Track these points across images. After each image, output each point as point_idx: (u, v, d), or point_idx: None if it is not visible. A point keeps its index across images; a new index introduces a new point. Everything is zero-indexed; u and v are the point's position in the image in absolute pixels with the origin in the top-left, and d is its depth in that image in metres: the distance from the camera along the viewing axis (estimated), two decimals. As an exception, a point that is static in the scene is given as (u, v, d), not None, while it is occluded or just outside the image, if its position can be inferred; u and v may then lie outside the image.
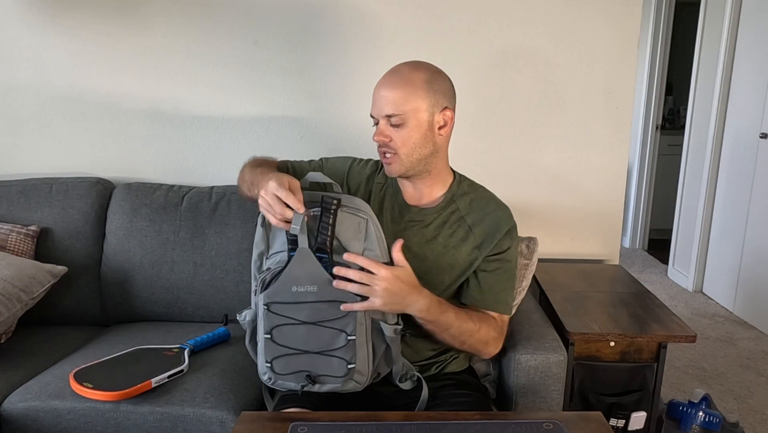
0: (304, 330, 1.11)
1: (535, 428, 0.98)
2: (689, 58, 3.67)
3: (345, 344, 1.10)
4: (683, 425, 1.77)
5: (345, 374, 1.12)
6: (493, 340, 1.25)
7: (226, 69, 2.02)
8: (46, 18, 2.00)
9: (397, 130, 1.18)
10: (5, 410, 1.40)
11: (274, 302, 1.11)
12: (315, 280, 1.09)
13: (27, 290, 1.65)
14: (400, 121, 1.18)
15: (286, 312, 1.11)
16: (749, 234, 3.09)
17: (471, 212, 1.27)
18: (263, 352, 1.14)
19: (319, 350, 1.11)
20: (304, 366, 1.13)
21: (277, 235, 1.16)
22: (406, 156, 1.20)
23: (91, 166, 2.09)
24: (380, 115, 1.19)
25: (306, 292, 1.09)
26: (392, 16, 1.99)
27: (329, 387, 1.14)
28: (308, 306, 1.10)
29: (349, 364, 1.11)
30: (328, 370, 1.12)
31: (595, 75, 2.02)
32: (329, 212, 1.09)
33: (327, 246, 1.09)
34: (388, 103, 1.17)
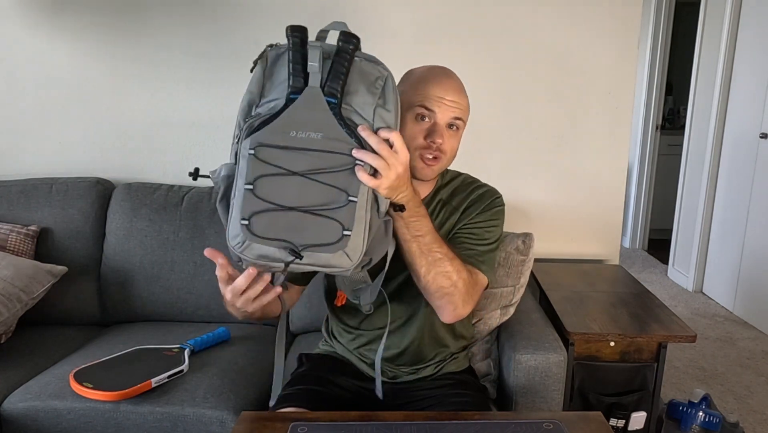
0: (298, 183, 0.91)
1: (535, 428, 0.98)
2: (689, 58, 3.67)
3: (344, 205, 0.92)
4: (683, 425, 1.77)
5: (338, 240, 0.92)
6: (464, 285, 1.12)
7: (226, 69, 2.02)
8: (46, 18, 2.00)
9: (451, 134, 1.17)
10: (5, 410, 1.40)
11: (265, 145, 0.91)
12: (320, 126, 0.92)
13: (27, 290, 1.65)
14: (459, 126, 1.17)
15: (277, 160, 0.91)
16: (749, 234, 3.09)
17: (454, 197, 1.28)
18: (239, 207, 0.91)
19: (312, 207, 0.92)
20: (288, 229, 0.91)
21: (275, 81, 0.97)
22: (447, 161, 1.19)
23: (91, 166, 2.09)
24: (446, 116, 1.15)
25: (307, 138, 0.92)
26: (392, 16, 1.99)
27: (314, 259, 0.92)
28: (306, 154, 0.91)
29: (345, 230, 0.93)
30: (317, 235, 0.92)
31: (595, 75, 2.03)
32: (346, 52, 0.94)
33: (338, 90, 0.93)
34: (459, 108, 1.16)
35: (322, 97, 0.93)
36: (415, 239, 1.08)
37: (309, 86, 0.93)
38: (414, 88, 1.17)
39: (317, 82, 0.93)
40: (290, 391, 1.25)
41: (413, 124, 1.15)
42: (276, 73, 0.98)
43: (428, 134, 1.14)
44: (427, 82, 1.16)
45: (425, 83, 1.16)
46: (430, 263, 1.09)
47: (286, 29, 0.96)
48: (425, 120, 1.15)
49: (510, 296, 1.58)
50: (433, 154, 1.15)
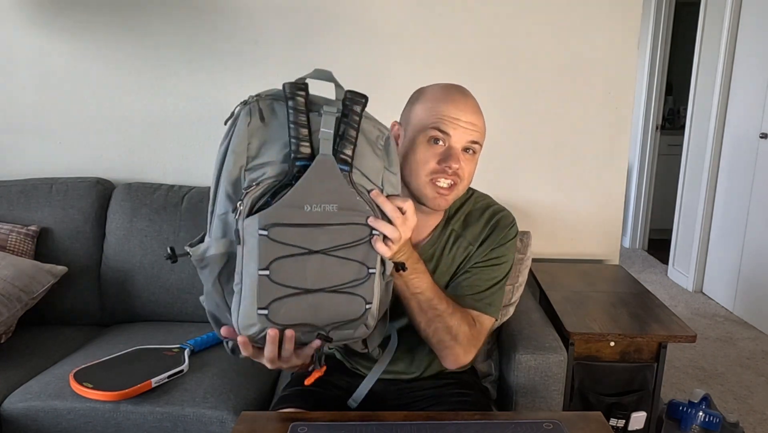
0: (318, 261, 0.84)
1: (535, 428, 0.98)
2: (689, 58, 3.67)
3: (366, 279, 0.88)
4: (683, 425, 1.77)
5: (360, 316, 0.89)
6: (465, 340, 1.09)
7: (227, 69, 2.02)
8: (46, 18, 2.00)
9: (467, 159, 1.09)
10: (5, 410, 1.40)
11: (278, 224, 0.82)
12: (335, 197, 0.85)
13: (27, 290, 1.65)
14: (476, 150, 1.10)
15: (293, 239, 0.83)
16: (749, 234, 3.09)
17: (468, 227, 1.20)
18: (255, 295, 0.83)
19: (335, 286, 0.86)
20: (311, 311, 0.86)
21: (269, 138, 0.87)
22: (462, 189, 1.11)
23: (91, 166, 2.09)
24: (462, 140, 1.07)
25: (323, 212, 0.84)
26: (392, 15, 1.99)
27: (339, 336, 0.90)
28: (325, 230, 0.84)
29: (367, 303, 0.89)
30: (340, 313, 0.88)
31: (595, 75, 2.03)
32: (356, 114, 0.87)
33: (350, 156, 0.86)
34: (476, 131, 1.09)
35: (336, 165, 0.85)
36: (414, 296, 1.04)
37: (321, 153, 0.85)
38: (427, 109, 1.08)
39: (328, 149, 0.85)
40: (290, 391, 1.25)
41: (426, 147, 1.07)
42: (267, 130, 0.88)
43: (443, 159, 1.06)
44: (441, 102, 1.08)
45: (439, 103, 1.08)
46: (430, 318, 1.06)
47: (283, 86, 0.88)
48: (439, 143, 1.07)
49: (509, 295, 1.59)
50: (449, 180, 1.07)
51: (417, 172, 1.08)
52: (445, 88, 1.12)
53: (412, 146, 1.09)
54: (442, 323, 1.06)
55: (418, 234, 1.17)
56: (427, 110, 1.08)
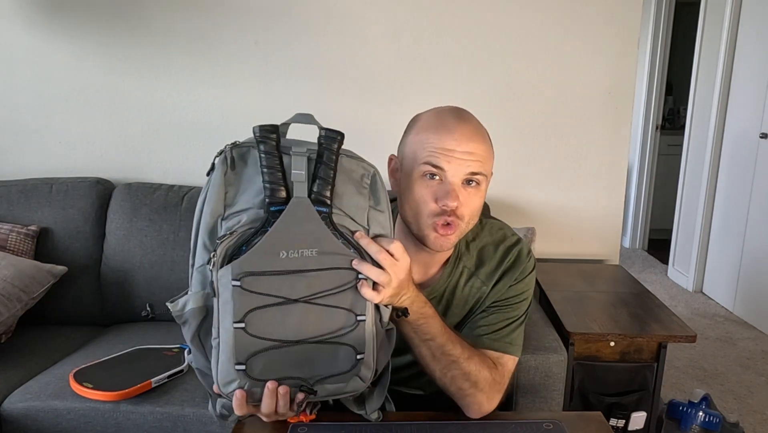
0: (298, 312, 0.79)
1: (535, 428, 0.98)
2: (689, 58, 3.67)
3: (353, 327, 0.81)
4: (683, 425, 1.77)
5: (351, 367, 0.83)
6: (486, 383, 0.98)
7: (227, 69, 2.02)
8: (46, 18, 2.00)
9: (470, 193, 0.97)
10: (5, 410, 1.40)
11: (251, 273, 0.77)
12: (314, 241, 0.79)
13: (27, 290, 1.65)
14: (479, 181, 0.97)
15: (268, 288, 0.78)
16: (749, 234, 3.09)
17: (482, 264, 1.09)
18: (230, 349, 0.78)
19: (319, 337, 0.80)
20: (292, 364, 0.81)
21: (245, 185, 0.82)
22: (466, 226, 0.99)
23: (91, 166, 2.09)
24: (459, 173, 0.95)
25: (301, 258, 0.78)
26: (392, 15, 1.99)
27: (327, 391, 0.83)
28: (303, 277, 0.79)
29: (358, 354, 0.82)
30: (328, 366, 0.82)
31: (595, 75, 2.03)
32: (331, 152, 0.81)
33: (327, 197, 0.80)
34: (477, 160, 0.96)
35: (312, 207, 0.80)
36: (425, 343, 0.95)
37: (295, 197, 0.79)
38: (419, 141, 0.97)
39: (303, 192, 0.80)
40: None
41: (422, 184, 0.96)
42: (242, 178, 0.83)
43: (439, 197, 0.94)
44: (433, 132, 0.96)
45: (431, 134, 0.96)
46: (445, 366, 0.96)
47: (254, 129, 0.82)
48: (435, 178, 0.95)
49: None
50: (446, 220, 0.95)
51: (418, 212, 0.97)
52: (439, 114, 0.99)
53: (408, 183, 0.98)
54: (459, 370, 0.96)
55: (425, 273, 1.08)
56: (419, 142, 0.97)
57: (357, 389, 0.85)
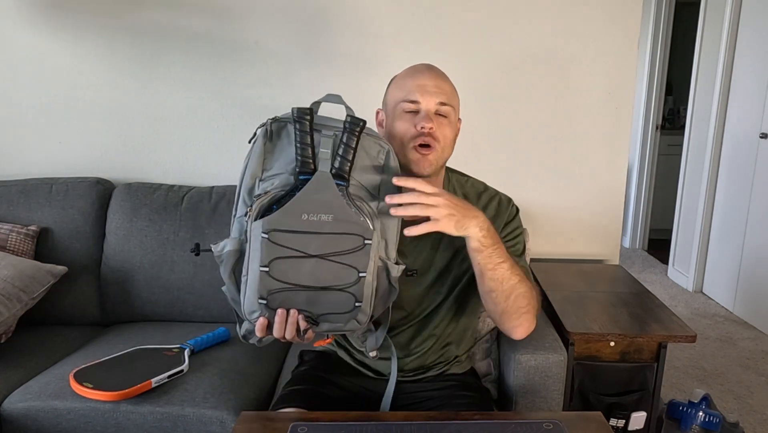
0: (311, 264, 0.97)
1: (535, 428, 0.98)
2: (689, 58, 3.67)
3: (355, 282, 0.98)
4: (683, 425, 1.77)
5: (350, 310, 1.00)
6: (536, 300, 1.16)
7: (227, 69, 2.02)
8: (46, 18, 2.00)
9: (441, 122, 1.15)
10: (5, 410, 1.40)
11: (277, 230, 0.95)
12: (331, 208, 0.97)
13: (27, 290, 1.65)
14: (447, 112, 1.16)
15: (290, 243, 0.96)
16: (749, 234, 3.09)
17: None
18: (256, 286, 0.97)
19: (327, 285, 0.98)
20: (303, 303, 0.99)
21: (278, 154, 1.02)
22: (441, 150, 1.16)
23: (91, 166, 2.09)
24: (431, 102, 1.14)
25: (319, 221, 0.96)
26: (392, 15, 1.99)
27: (329, 327, 1.01)
28: (319, 237, 0.96)
29: (357, 302, 0.99)
30: (331, 306, 0.99)
31: (595, 75, 2.03)
32: (353, 135, 1.00)
33: (347, 172, 0.99)
34: (442, 92, 1.15)
35: (332, 181, 0.98)
36: (499, 266, 1.09)
37: (319, 171, 0.98)
38: (398, 87, 1.19)
39: (327, 167, 0.98)
40: (290, 390, 1.25)
41: (402, 120, 1.15)
42: (278, 147, 1.02)
43: (417, 122, 1.13)
44: (408, 77, 1.18)
45: (407, 78, 1.18)
46: (511, 286, 1.10)
47: (292, 111, 1.00)
48: (412, 113, 1.15)
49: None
50: (424, 141, 1.13)
51: (401, 142, 1.15)
52: (411, 66, 1.21)
53: (392, 123, 1.17)
54: (522, 288, 1.12)
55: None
56: (398, 88, 1.18)
57: (353, 329, 1.03)
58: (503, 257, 1.09)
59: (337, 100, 1.04)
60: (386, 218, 1.02)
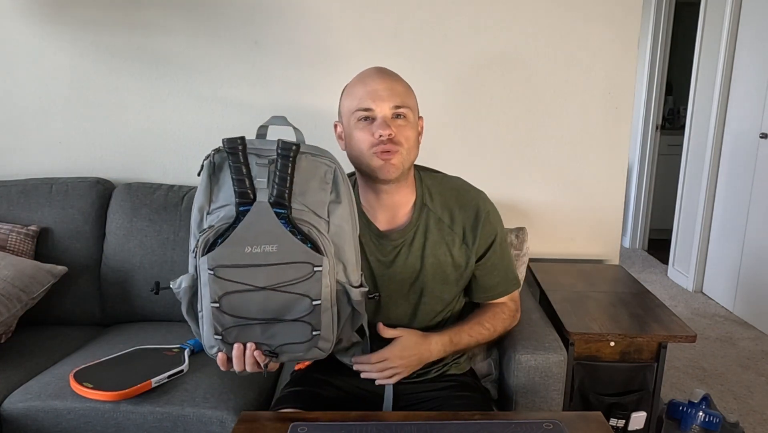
0: (262, 296, 0.95)
1: (535, 428, 0.98)
2: (689, 58, 3.67)
3: (310, 311, 0.96)
4: (683, 425, 1.77)
5: (308, 339, 0.98)
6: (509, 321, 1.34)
7: (227, 69, 2.02)
8: (46, 18, 2.00)
9: (400, 124, 1.13)
10: (5, 410, 1.40)
11: (222, 265, 0.94)
12: (274, 238, 0.94)
13: (27, 290, 1.65)
14: (405, 113, 1.14)
15: (237, 277, 0.94)
16: (749, 234, 3.09)
17: (445, 210, 1.25)
18: (210, 323, 0.97)
19: (279, 317, 0.96)
20: (259, 336, 0.98)
21: (222, 186, 0.99)
22: (407, 153, 1.14)
23: (91, 166, 2.09)
24: (386, 107, 1.12)
25: (263, 253, 0.94)
26: (391, 16, 1.99)
27: (288, 357, 1.01)
28: (265, 270, 0.94)
29: (314, 330, 0.98)
30: (288, 337, 0.98)
31: (595, 75, 2.03)
32: (287, 160, 0.95)
33: (286, 199, 0.95)
34: (396, 95, 1.13)
35: (271, 210, 0.95)
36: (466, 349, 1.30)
37: (257, 201, 0.95)
38: (350, 96, 1.16)
39: (264, 196, 0.95)
40: (288, 392, 1.25)
41: (359, 130, 1.13)
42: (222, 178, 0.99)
43: (374, 131, 1.11)
44: (358, 84, 1.16)
45: (357, 86, 1.16)
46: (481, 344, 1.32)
47: (222, 142, 0.96)
48: (368, 120, 1.13)
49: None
50: (386, 148, 1.11)
51: (361, 152, 1.14)
52: (361, 73, 1.19)
53: (350, 134, 1.16)
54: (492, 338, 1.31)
55: (393, 217, 1.24)
56: (350, 97, 1.16)
57: (317, 357, 1.02)
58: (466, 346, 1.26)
59: (281, 122, 1.02)
60: (341, 240, 0.99)
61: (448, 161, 1.98)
